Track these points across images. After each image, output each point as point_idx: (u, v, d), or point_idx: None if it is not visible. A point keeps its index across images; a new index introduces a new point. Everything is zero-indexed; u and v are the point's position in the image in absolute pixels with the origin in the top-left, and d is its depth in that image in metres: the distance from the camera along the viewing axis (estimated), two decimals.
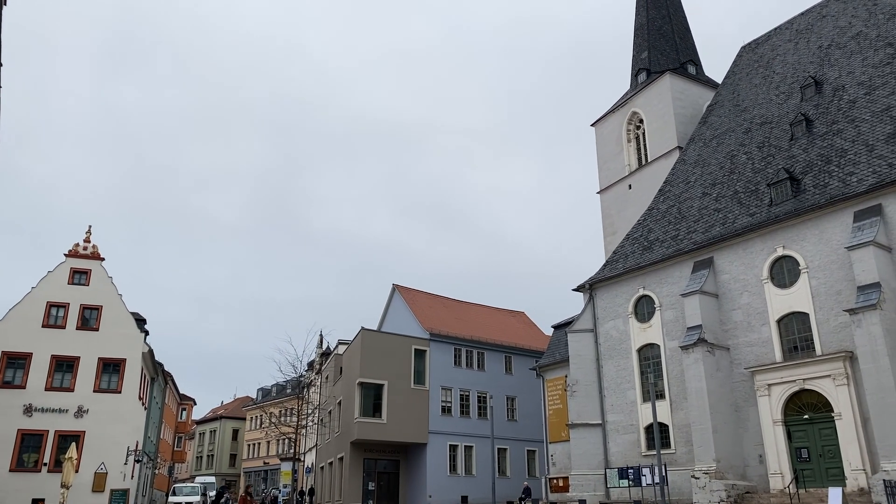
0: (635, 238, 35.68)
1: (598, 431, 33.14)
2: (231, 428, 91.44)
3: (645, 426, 31.18)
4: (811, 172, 28.57)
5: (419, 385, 41.93)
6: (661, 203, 36.55)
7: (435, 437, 41.25)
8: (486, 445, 43.13)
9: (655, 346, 31.71)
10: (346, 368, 43.91)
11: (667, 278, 31.86)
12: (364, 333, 41.33)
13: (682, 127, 42.87)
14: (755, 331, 27.70)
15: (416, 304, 46.88)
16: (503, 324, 50.79)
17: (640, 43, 50.09)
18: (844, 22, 35.62)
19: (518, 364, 47.03)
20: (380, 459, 41.37)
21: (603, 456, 32.66)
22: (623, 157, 46.23)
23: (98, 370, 34.54)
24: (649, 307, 32.42)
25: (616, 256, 35.82)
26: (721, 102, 39.79)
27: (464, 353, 44.68)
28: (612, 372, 33.38)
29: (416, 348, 42.41)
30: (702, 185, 34.71)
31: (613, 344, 33.66)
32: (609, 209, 46.27)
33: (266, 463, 79.54)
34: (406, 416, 40.53)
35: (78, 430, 33.09)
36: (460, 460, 42.03)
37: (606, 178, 47.25)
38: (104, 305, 35.64)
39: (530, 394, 46.30)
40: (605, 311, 34.56)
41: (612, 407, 32.99)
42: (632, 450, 31.52)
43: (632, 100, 46.61)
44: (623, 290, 33.86)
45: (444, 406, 42.67)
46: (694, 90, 45.02)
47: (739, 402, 27.67)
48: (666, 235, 33.77)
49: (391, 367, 40.91)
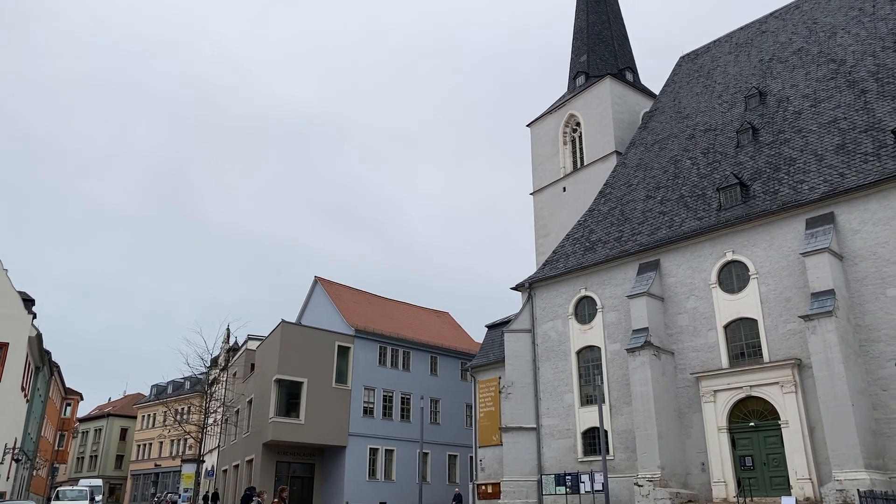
0: (576, 238, 34.78)
1: (533, 436, 31.85)
2: (119, 427, 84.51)
3: (583, 431, 30.13)
4: (760, 179, 28.48)
5: (341, 384, 39.32)
6: (602, 205, 35.88)
7: (355, 439, 38.77)
8: (407, 449, 41.12)
9: (596, 348, 30.78)
10: (261, 364, 40.69)
11: (610, 279, 31.04)
12: (284, 326, 38.31)
13: (620, 132, 42.59)
14: (701, 336, 27.19)
15: (339, 298, 44.23)
16: (428, 323, 48.93)
17: (578, 46, 49.73)
18: (784, 38, 36.32)
19: (443, 365, 45.29)
20: (294, 462, 38.41)
21: (537, 461, 31.38)
22: (558, 159, 45.52)
23: None
24: (591, 308, 31.48)
25: (556, 256, 34.79)
26: (661, 109, 39.75)
27: (389, 351, 42.45)
28: (550, 374, 32.21)
29: (340, 345, 39.80)
30: (645, 188, 34.27)
31: (552, 345, 32.51)
32: (542, 211, 45.40)
33: (158, 465, 73.79)
34: (325, 416, 37.83)
35: None
36: (380, 465, 39.72)
37: (540, 179, 46.42)
38: None
39: (454, 396, 44.80)
40: (544, 312, 33.38)
41: (548, 410, 31.80)
42: (567, 455, 30.39)
43: (569, 102, 46.04)
44: (564, 290, 32.80)
45: (365, 407, 40.23)
46: (632, 96, 44.96)
47: (683, 409, 27.05)
48: (609, 236, 33.02)
49: (312, 364, 38.12)
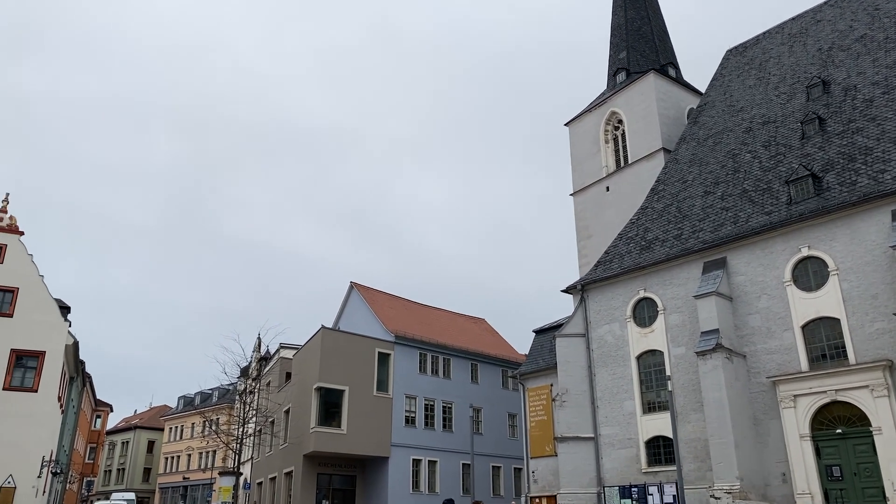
0: (630, 237, 33.23)
1: (591, 445, 30.23)
2: (146, 439, 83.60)
3: (646, 440, 28.49)
4: (833, 170, 26.83)
5: (382, 392, 37.92)
6: (655, 202, 34.33)
7: (397, 450, 37.30)
8: (450, 460, 39.64)
9: (658, 352, 29.16)
10: (298, 372, 39.41)
11: (672, 279, 29.45)
12: (324, 333, 37.01)
13: (666, 128, 41.07)
14: (776, 337, 25.51)
15: (376, 304, 42.91)
16: (466, 330, 47.45)
17: (617, 43, 48.35)
18: (843, 26, 34.67)
19: (483, 373, 43.76)
20: (335, 474, 37.00)
21: (596, 473, 29.74)
22: (600, 158, 44.06)
23: (10, 364, 28.88)
24: (651, 310, 29.89)
25: (609, 256, 33.25)
26: (711, 103, 38.19)
27: (429, 358, 41.00)
28: (607, 380, 30.61)
29: (380, 351, 38.42)
30: (702, 184, 32.69)
31: (608, 350, 30.93)
32: (584, 212, 43.86)
33: (186, 478, 72.69)
34: (367, 426, 36.42)
35: None
36: (423, 476, 38.20)
37: (581, 179, 44.95)
38: (21, 287, 30.04)
39: (496, 405, 43.23)
40: (598, 315, 31.83)
41: (607, 419, 30.17)
42: (630, 466, 28.73)
43: (610, 99, 44.60)
44: (620, 291, 31.24)
45: (407, 416, 38.77)
46: (676, 92, 43.46)
47: (759, 415, 25.34)
48: (667, 234, 31.45)
49: (352, 372, 36.77)
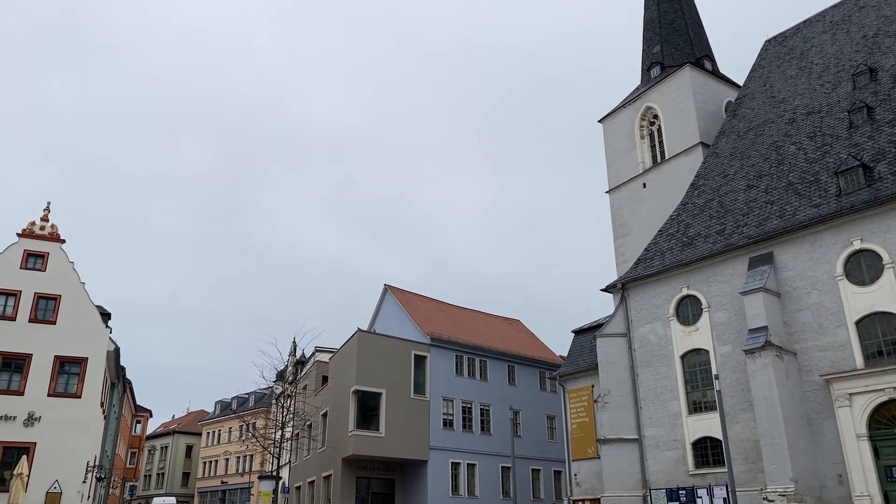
0: (671, 234, 32.49)
1: (635, 447, 29.57)
2: (185, 444, 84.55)
3: (693, 441, 27.75)
4: (885, 160, 25.85)
5: (419, 395, 37.63)
6: (696, 198, 33.53)
7: (436, 453, 36.97)
8: (489, 463, 39.19)
9: (703, 351, 28.41)
10: (335, 376, 39.34)
11: (715, 276, 28.67)
12: (360, 335, 36.87)
13: (704, 122, 40.16)
14: (828, 333, 24.62)
15: (411, 306, 42.68)
16: (501, 331, 46.97)
17: (650, 37, 47.58)
18: (889, 12, 33.54)
19: (520, 374, 43.23)
20: (374, 478, 36.80)
21: (641, 475, 29.08)
22: (636, 155, 43.31)
23: (54, 370, 29.23)
24: (695, 308, 29.15)
25: (649, 254, 32.54)
26: (751, 95, 37.26)
27: (465, 360, 40.61)
28: (650, 381, 29.92)
29: (416, 354, 38.16)
30: (745, 178, 31.83)
31: (651, 349, 30.24)
32: (620, 209, 43.13)
33: (224, 482, 73.30)
34: (405, 429, 36.15)
35: (27, 441, 27.72)
36: (463, 480, 37.78)
37: (616, 176, 44.24)
38: (63, 295, 30.40)
39: (534, 407, 42.63)
40: (640, 314, 31.16)
41: (651, 420, 29.48)
42: (676, 468, 28.01)
43: (645, 94, 43.79)
44: (662, 289, 30.54)
45: (445, 419, 38.40)
46: (713, 85, 42.50)
47: (811, 414, 24.47)
48: (709, 230, 30.66)
49: (389, 374, 36.55)
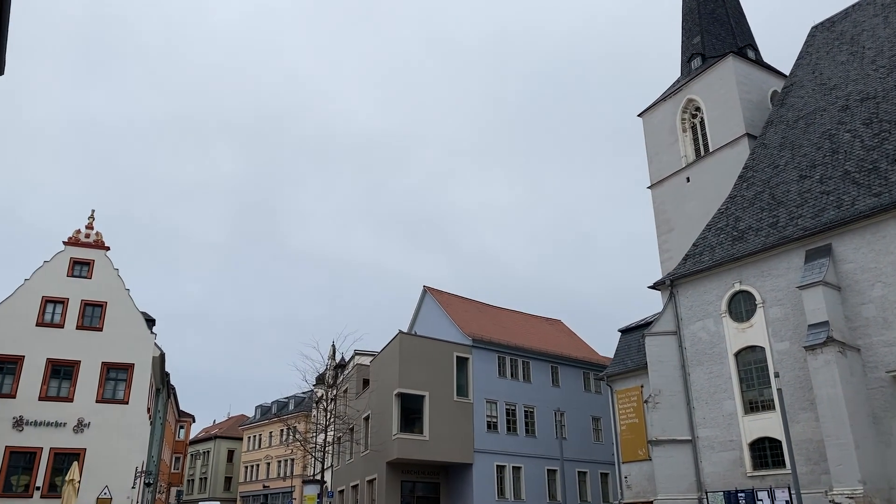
0: (720, 228, 31.48)
1: (688, 449, 28.64)
2: (226, 448, 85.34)
3: (750, 442, 26.75)
4: None
5: (462, 397, 37.13)
6: (744, 190, 32.46)
7: (481, 456, 36.41)
8: (535, 466, 38.50)
9: (758, 348, 27.38)
10: (377, 378, 39.06)
11: (770, 270, 27.62)
12: (402, 338, 36.54)
13: (749, 113, 38.99)
14: (894, 328, 23.46)
15: (451, 307, 42.22)
16: (543, 332, 46.22)
17: (690, 27, 46.53)
18: None
19: (564, 375, 42.43)
20: (418, 482, 36.40)
21: (695, 477, 28.14)
22: (678, 148, 42.27)
23: (101, 377, 29.44)
24: (748, 304, 28.13)
25: (698, 249, 31.57)
26: (799, 83, 35.98)
27: (508, 362, 39.99)
28: (703, 380, 28.97)
29: (458, 355, 37.67)
30: (797, 168, 30.68)
31: (703, 347, 29.29)
32: (664, 205, 42.11)
33: (266, 486, 73.73)
34: (449, 432, 35.69)
35: (77, 447, 27.94)
36: (508, 483, 37.16)
37: (658, 171, 43.24)
38: (109, 302, 30.64)
39: (578, 408, 41.77)
40: (690, 311, 30.23)
41: (705, 420, 28.52)
42: (733, 470, 27.02)
43: (687, 86, 42.71)
44: (713, 285, 29.57)
45: (489, 421, 37.84)
46: (757, 75, 41.24)
47: (878, 413, 23.34)
48: (761, 223, 29.60)
49: (432, 377, 36.13)
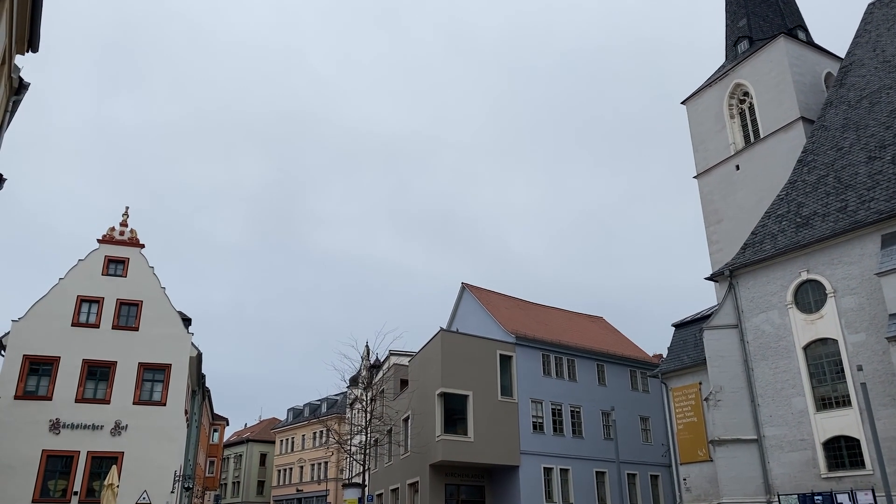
0: (781, 215, 29.70)
1: (754, 449, 26.92)
2: (259, 452, 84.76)
3: (824, 441, 24.97)
4: None
5: (506, 397, 35.72)
6: (806, 174, 30.64)
7: (527, 457, 34.94)
8: (583, 468, 36.95)
9: (830, 341, 25.61)
10: (416, 378, 37.78)
11: (842, 257, 25.83)
12: (443, 336, 35.23)
13: (803, 96, 37.14)
14: None
15: (491, 305, 40.85)
16: (586, 329, 44.63)
17: (734, 10, 44.68)
18: None
19: (610, 373, 40.81)
20: (463, 485, 35.05)
21: (763, 479, 26.40)
22: (726, 136, 40.50)
23: (138, 378, 28.55)
24: (817, 294, 26.36)
25: (758, 238, 29.82)
26: (859, 61, 34.07)
27: (553, 360, 38.48)
28: (768, 375, 27.24)
29: (502, 354, 36.28)
30: (864, 150, 28.82)
31: (767, 341, 27.56)
32: (711, 194, 40.33)
33: (300, 490, 72.86)
34: (494, 433, 34.29)
35: (115, 450, 27.06)
36: (556, 486, 35.64)
37: (705, 160, 41.48)
38: (145, 301, 29.80)
39: (626, 407, 40.04)
40: (752, 303, 28.51)
41: (771, 418, 26.79)
42: (805, 471, 25.25)
43: (734, 71, 40.90)
44: (776, 275, 27.84)
45: (535, 422, 36.37)
46: (810, 56, 39.31)
47: None
48: (828, 208, 27.78)
49: (475, 376, 34.79)
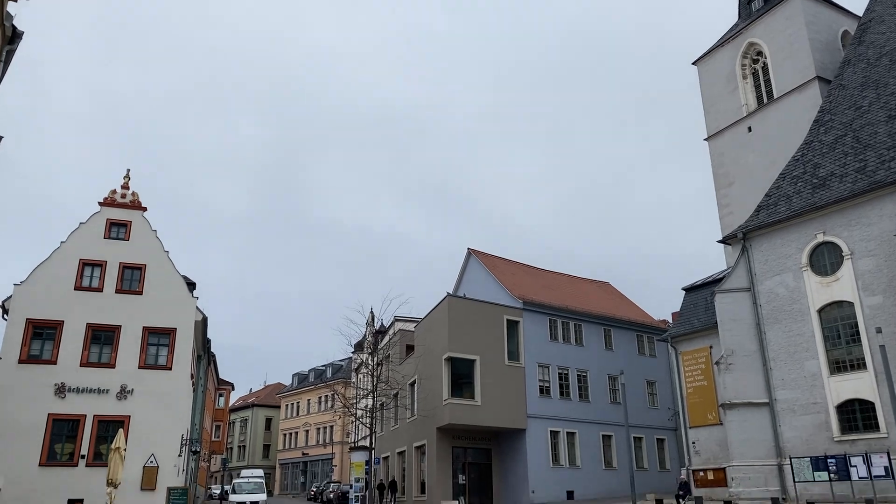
0: (796, 176, 29.05)
1: (765, 412, 26.69)
2: (264, 416, 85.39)
3: (838, 404, 24.71)
4: None
5: (513, 361, 35.51)
6: (822, 134, 29.90)
7: (534, 421, 34.89)
8: (589, 432, 36.98)
9: (846, 304, 25.19)
10: (423, 343, 37.55)
11: (859, 219, 25.27)
12: (450, 300, 34.92)
13: (819, 55, 36.21)
14: None
15: (497, 270, 40.44)
16: (593, 294, 44.30)
17: None
18: None
19: (617, 338, 40.56)
20: (469, 448, 35.04)
21: (774, 443, 26.22)
22: (738, 97, 39.66)
23: (143, 342, 28.22)
24: (833, 256, 25.86)
25: (772, 199, 29.22)
26: (879, 17, 33.03)
27: (560, 325, 38.21)
28: (781, 339, 26.88)
29: (509, 318, 35.97)
30: (885, 109, 28.05)
31: (781, 304, 27.14)
32: (722, 157, 39.67)
33: (305, 454, 73.50)
34: (500, 397, 34.17)
35: (122, 414, 26.83)
36: (563, 449, 35.65)
37: (716, 121, 40.72)
38: (148, 264, 29.33)
39: (633, 372, 39.79)
40: (766, 265, 28.02)
41: (783, 382, 26.50)
42: (817, 434, 25.04)
43: (747, 30, 39.83)
44: (792, 237, 27.30)
45: (541, 386, 36.25)
46: (826, 13, 38.22)
47: None
48: (846, 168, 27.13)
49: (482, 340, 34.55)
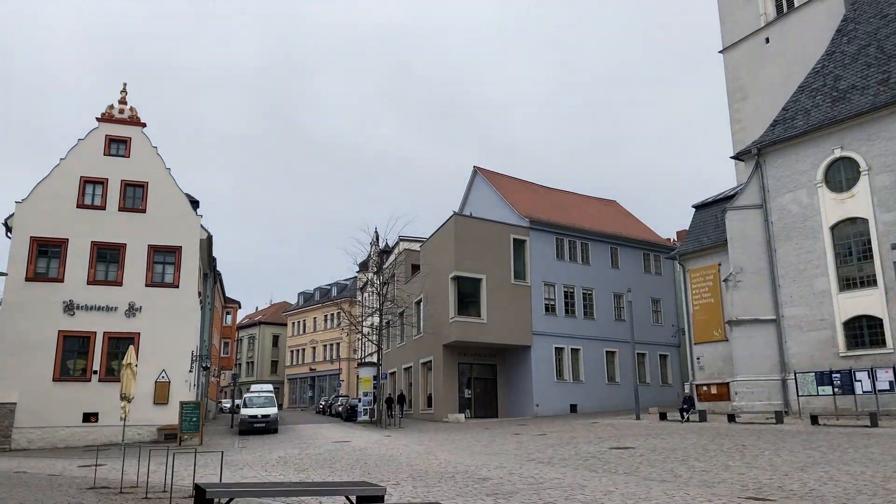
0: (815, 88, 28.08)
1: (771, 329, 26.81)
2: (271, 334, 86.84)
3: (844, 321, 24.75)
4: None
5: (519, 280, 35.51)
6: (845, 45, 28.71)
7: (539, 338, 35.21)
8: (593, 348, 37.40)
9: (860, 220, 24.84)
10: (429, 262, 37.46)
11: (880, 133, 24.55)
12: (456, 220, 34.56)
13: None
14: None
15: (504, 189, 39.86)
16: (600, 213, 43.87)
17: None
18: None
19: (624, 257, 40.44)
20: (475, 363, 35.53)
21: (779, 358, 26.47)
22: (756, 6, 37.96)
23: (149, 260, 28.11)
24: (850, 172, 25.31)
25: (789, 113, 28.35)
26: None
27: (566, 244, 37.99)
28: (791, 256, 26.67)
29: (515, 238, 35.72)
30: None
31: (793, 221, 26.78)
32: (737, 70, 38.38)
33: (312, 369, 75.16)
34: (507, 315, 34.34)
35: (131, 331, 26.99)
36: (567, 365, 36.17)
37: (731, 33, 39.22)
38: (150, 182, 28.81)
39: (638, 290, 39.85)
40: (779, 182, 27.48)
41: (791, 299, 26.48)
42: (823, 350, 25.21)
43: None
44: (808, 152, 26.64)
45: (547, 304, 36.40)
46: None
47: None
48: (868, 80, 26.15)
49: (488, 260, 34.41)
